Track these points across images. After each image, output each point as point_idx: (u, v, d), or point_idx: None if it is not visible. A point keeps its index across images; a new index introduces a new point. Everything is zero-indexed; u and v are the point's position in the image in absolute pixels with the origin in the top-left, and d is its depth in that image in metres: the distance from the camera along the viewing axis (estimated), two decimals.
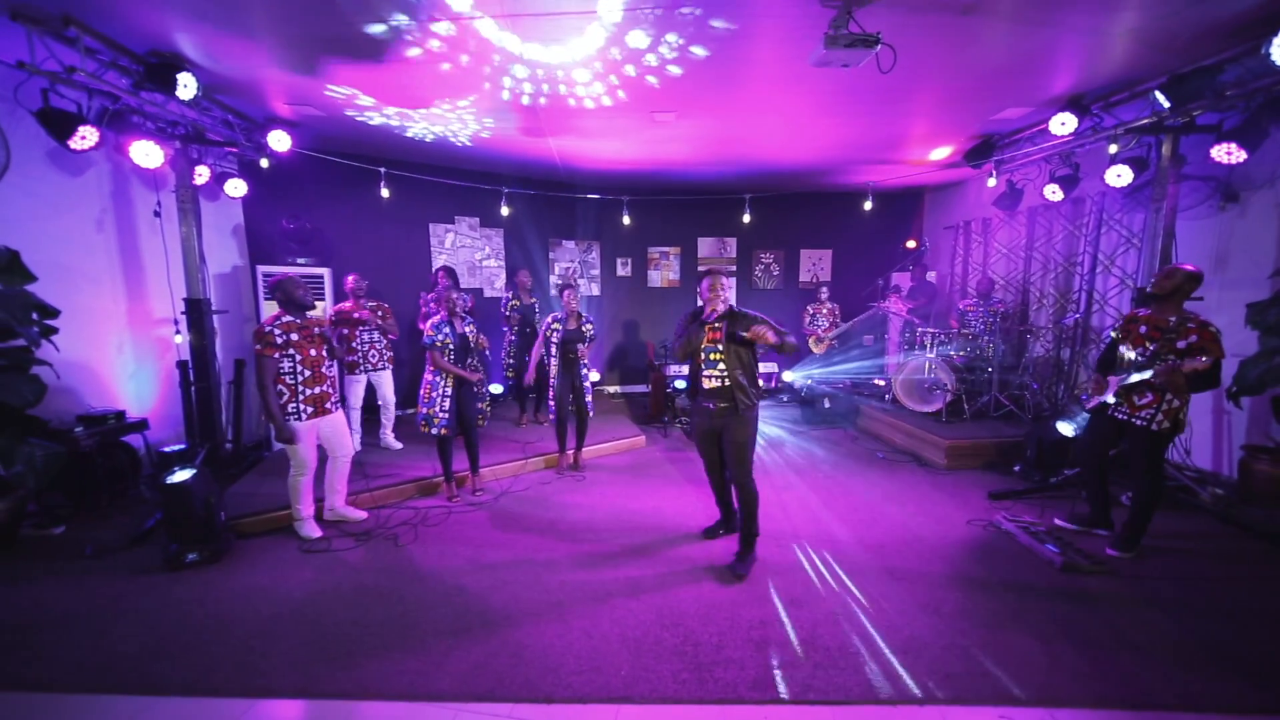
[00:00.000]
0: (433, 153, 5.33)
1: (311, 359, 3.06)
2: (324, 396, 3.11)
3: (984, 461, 4.52)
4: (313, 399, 3.07)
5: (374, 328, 4.32)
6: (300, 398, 3.03)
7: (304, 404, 3.04)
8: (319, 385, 3.08)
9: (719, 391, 2.74)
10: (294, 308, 3.07)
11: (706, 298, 2.76)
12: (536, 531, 3.30)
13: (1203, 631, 2.32)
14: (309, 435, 3.07)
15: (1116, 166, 3.93)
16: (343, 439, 3.27)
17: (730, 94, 3.81)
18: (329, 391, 3.13)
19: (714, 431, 2.87)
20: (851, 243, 7.61)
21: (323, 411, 3.10)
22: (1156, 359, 2.80)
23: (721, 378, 2.72)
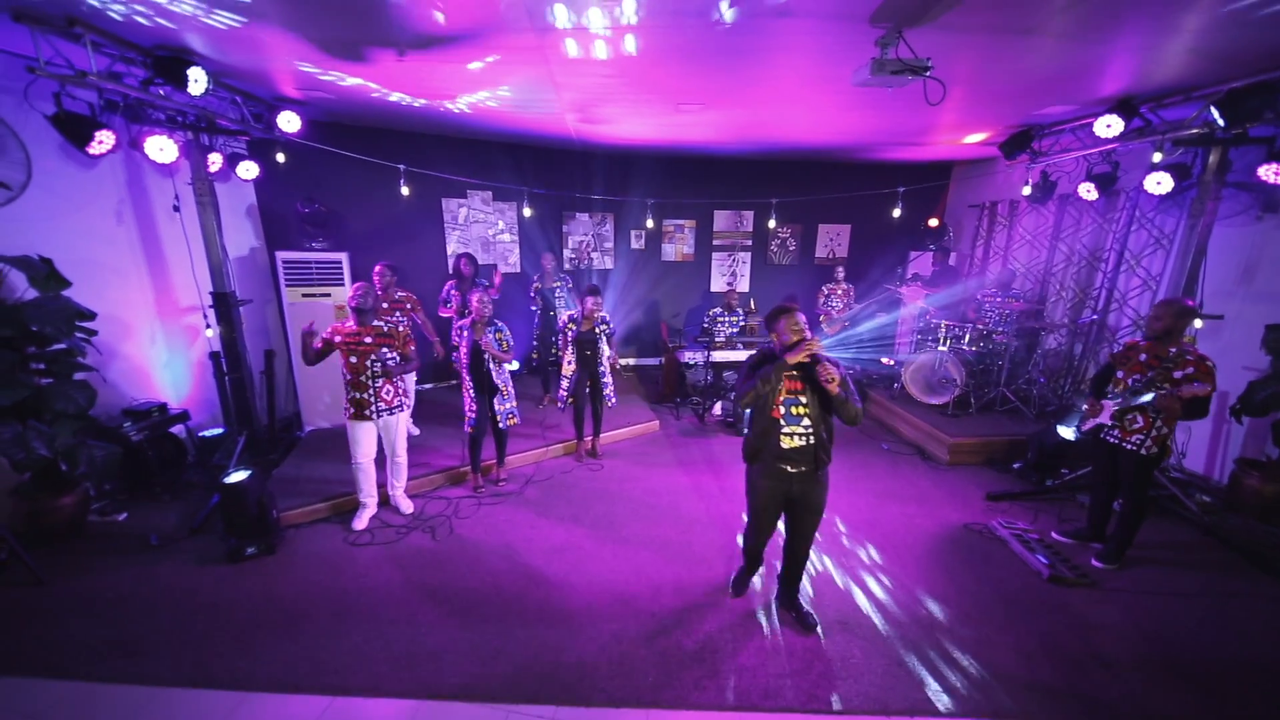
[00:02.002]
0: (445, 124, 5.14)
1: (351, 365, 3.19)
2: (364, 403, 3.24)
3: (985, 458, 4.71)
4: (354, 402, 3.25)
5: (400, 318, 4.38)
6: (346, 398, 3.26)
7: (348, 405, 3.26)
8: (359, 391, 3.22)
9: (801, 452, 2.31)
10: (360, 315, 3.20)
11: (787, 339, 2.28)
12: (562, 525, 3.55)
13: (1171, 649, 2.57)
14: (356, 432, 3.29)
15: (1157, 174, 3.81)
16: (395, 444, 3.45)
17: (759, 90, 3.64)
18: (370, 399, 3.25)
19: (786, 497, 2.43)
20: (871, 218, 7.41)
21: (362, 417, 3.25)
22: (1151, 385, 2.91)
23: (806, 435, 2.29)
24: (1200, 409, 2.74)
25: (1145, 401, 2.88)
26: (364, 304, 3.16)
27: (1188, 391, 2.66)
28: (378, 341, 3.23)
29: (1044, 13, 2.32)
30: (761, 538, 2.65)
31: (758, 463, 2.43)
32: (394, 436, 3.42)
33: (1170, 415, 2.80)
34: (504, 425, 3.86)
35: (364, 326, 3.20)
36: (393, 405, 3.35)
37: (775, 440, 2.33)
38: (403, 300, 4.44)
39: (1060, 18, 2.37)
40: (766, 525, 2.58)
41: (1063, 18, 2.37)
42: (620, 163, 6.70)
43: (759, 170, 7.06)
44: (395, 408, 3.38)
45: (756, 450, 2.40)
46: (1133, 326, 4.93)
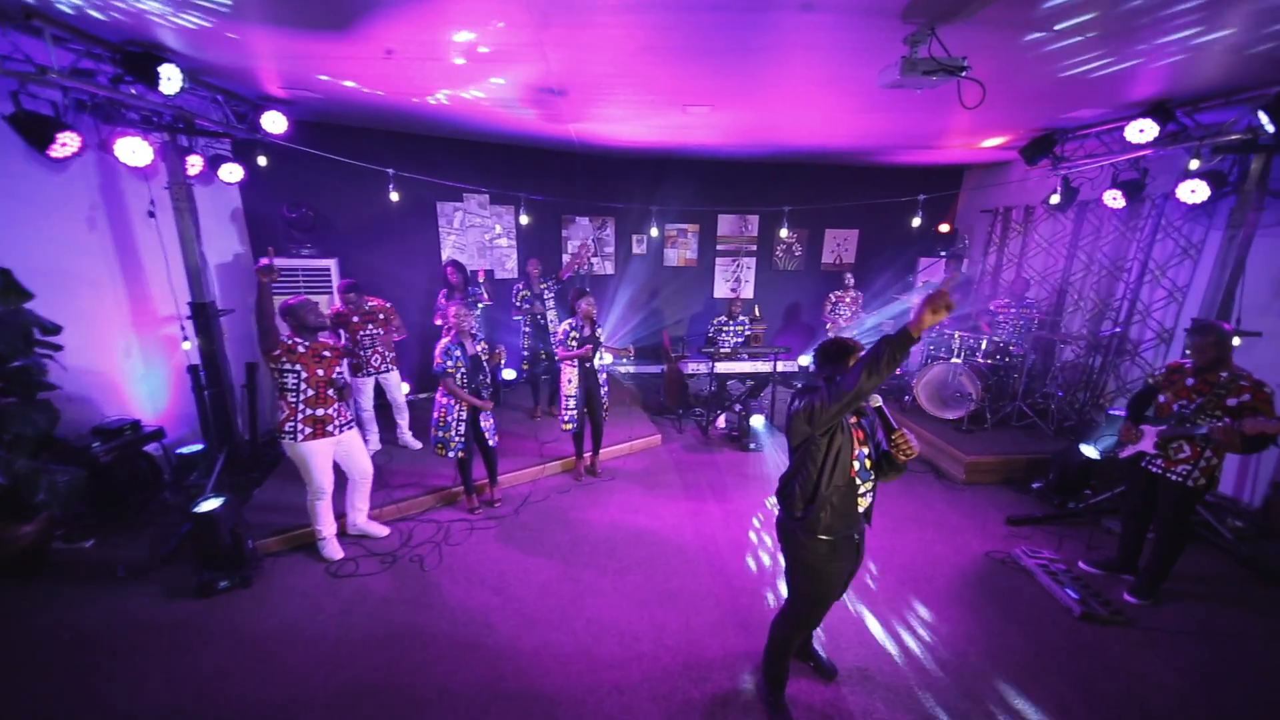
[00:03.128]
0: (439, 125, 4.93)
1: (317, 378, 2.94)
2: (326, 419, 3.00)
3: (1003, 477, 4.50)
4: (311, 420, 2.96)
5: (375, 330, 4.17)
6: (300, 416, 2.93)
7: (302, 423, 2.94)
8: (322, 407, 2.97)
9: (868, 513, 2.03)
10: (306, 333, 2.92)
11: None
12: (559, 556, 3.34)
13: (1216, 700, 2.36)
14: (318, 457, 3.00)
15: (1191, 181, 3.59)
16: (358, 460, 3.22)
17: (772, 92, 3.43)
18: (332, 415, 3.02)
19: (850, 568, 2.10)
20: (880, 223, 7.20)
21: (322, 434, 3.00)
22: (1202, 413, 2.70)
23: (870, 493, 2.01)
24: (1264, 443, 2.52)
25: (1199, 433, 2.66)
26: (306, 319, 2.86)
27: (1253, 427, 2.44)
28: (335, 355, 3.04)
29: (1087, 8, 2.10)
30: (819, 616, 2.17)
31: (827, 536, 1.94)
32: (362, 454, 3.21)
33: (1229, 449, 2.58)
34: (494, 441, 3.65)
35: (315, 343, 2.95)
36: (348, 419, 3.14)
37: (853, 504, 1.94)
38: (374, 311, 4.18)
39: (1102, 14, 2.16)
40: (828, 604, 2.13)
41: (1105, 14, 2.16)
42: (621, 165, 6.49)
43: (763, 173, 6.85)
44: (350, 421, 3.17)
45: (829, 523, 1.92)
46: (1156, 339, 4.73)
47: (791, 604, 2.14)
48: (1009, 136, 4.70)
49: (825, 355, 1.99)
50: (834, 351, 1.96)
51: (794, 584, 2.10)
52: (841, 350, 1.95)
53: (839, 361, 1.93)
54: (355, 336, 4.12)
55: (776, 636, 2.21)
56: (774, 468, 4.71)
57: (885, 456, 1.97)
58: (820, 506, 1.90)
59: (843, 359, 1.93)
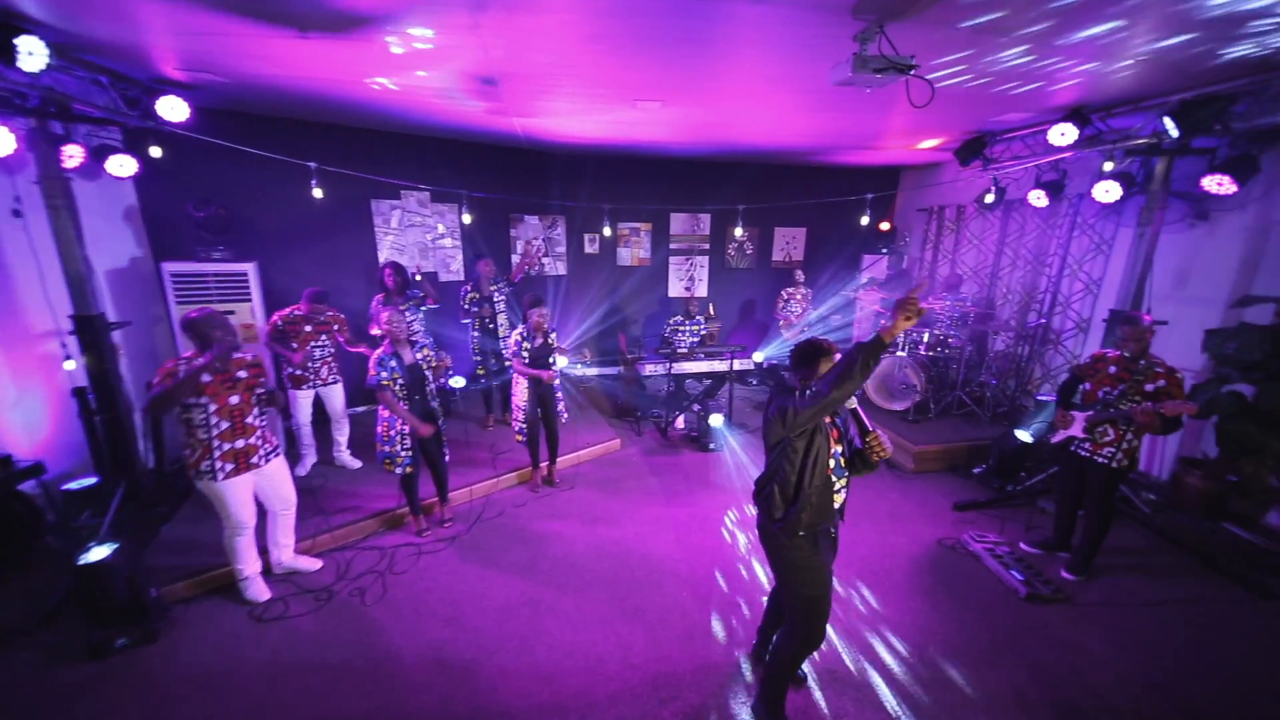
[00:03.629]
0: (371, 117, 4.56)
1: (230, 408, 2.58)
2: (249, 450, 2.66)
3: (948, 464, 4.71)
4: (232, 454, 2.61)
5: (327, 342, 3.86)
6: (216, 453, 2.56)
7: (221, 459, 2.58)
8: (242, 438, 2.63)
9: (842, 509, 2.02)
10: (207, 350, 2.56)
11: None
12: (517, 574, 3.14)
13: (1150, 669, 2.52)
14: (237, 492, 2.65)
15: (1105, 182, 3.87)
16: (281, 491, 2.89)
17: (723, 86, 3.37)
18: (256, 444, 2.69)
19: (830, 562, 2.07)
20: (825, 221, 7.40)
21: (247, 467, 2.66)
22: (1124, 399, 2.90)
23: (845, 489, 2.00)
24: (1178, 424, 2.72)
25: (1123, 416, 2.85)
26: (211, 336, 2.49)
27: (1171, 409, 2.63)
28: (253, 373, 2.69)
29: (1028, 14, 2.16)
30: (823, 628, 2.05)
31: (807, 534, 1.93)
32: (286, 484, 2.90)
33: (1149, 430, 2.77)
34: (449, 456, 3.41)
35: (227, 362, 2.58)
36: (274, 445, 2.82)
37: (829, 501, 1.94)
38: (328, 321, 3.92)
39: (1041, 20, 2.23)
40: (827, 608, 2.04)
41: (1043, 20, 2.23)
42: (571, 162, 6.29)
43: (714, 172, 6.86)
44: (278, 448, 2.85)
45: (809, 522, 1.91)
46: (1075, 329, 5.10)
47: (794, 619, 2.06)
48: (944, 138, 4.91)
49: (800, 356, 1.96)
50: (809, 352, 1.93)
51: (790, 593, 2.04)
52: (815, 351, 1.92)
53: (813, 362, 1.91)
54: (306, 346, 3.77)
55: (781, 658, 2.12)
56: (735, 467, 4.70)
57: (858, 454, 1.98)
58: (802, 507, 1.89)
59: (816, 360, 1.90)
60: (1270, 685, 2.45)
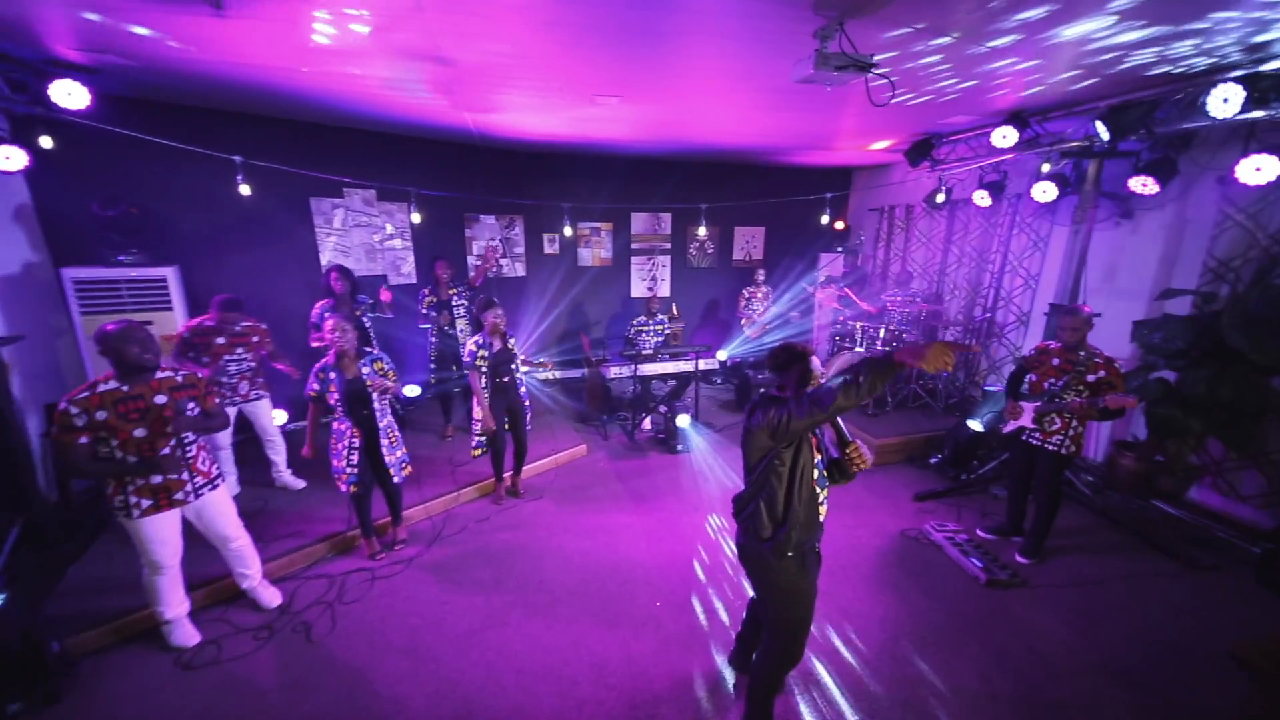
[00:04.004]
0: (307, 109, 4.22)
1: (135, 441, 2.24)
2: (171, 486, 2.36)
3: (906, 455, 4.86)
4: (149, 490, 2.31)
5: (244, 356, 3.49)
6: (129, 489, 2.27)
7: (136, 495, 2.28)
8: (164, 472, 2.31)
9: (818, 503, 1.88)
10: (124, 370, 2.25)
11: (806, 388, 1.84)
12: (481, 594, 2.97)
13: (1101, 646, 2.65)
14: (155, 530, 2.34)
15: (1043, 183, 4.08)
16: (216, 527, 2.58)
17: (682, 84, 3.30)
18: (181, 479, 2.39)
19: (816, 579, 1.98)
20: (784, 221, 7.54)
21: (169, 504, 2.36)
22: (1068, 389, 3.06)
23: (827, 501, 1.91)
24: (1120, 413, 2.88)
25: (1066, 406, 2.99)
26: (130, 353, 2.18)
27: (1114, 402, 2.77)
28: (176, 396, 2.33)
29: (980, 17, 2.21)
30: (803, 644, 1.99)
31: (795, 554, 1.83)
32: (223, 518, 2.58)
33: (1090, 419, 2.92)
34: (399, 478, 3.18)
35: (141, 385, 2.26)
36: (212, 475, 2.52)
37: (815, 514, 1.84)
38: (246, 333, 3.51)
39: (990, 23, 2.29)
40: (808, 626, 1.98)
41: (991, 23, 2.29)
42: (528, 160, 6.10)
43: (675, 171, 6.83)
44: (216, 478, 2.54)
45: (798, 540, 1.81)
46: (1017, 322, 5.38)
47: (774, 637, 1.99)
48: (894, 140, 5.07)
49: (779, 361, 1.86)
50: (786, 357, 1.85)
51: (772, 615, 1.96)
52: (792, 355, 1.84)
53: (790, 367, 1.83)
54: (218, 360, 3.40)
55: (762, 678, 2.05)
56: (705, 468, 4.67)
57: (835, 465, 1.92)
58: (791, 525, 1.79)
59: (794, 364, 1.83)
60: (1198, 649, 2.62)
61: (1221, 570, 3.25)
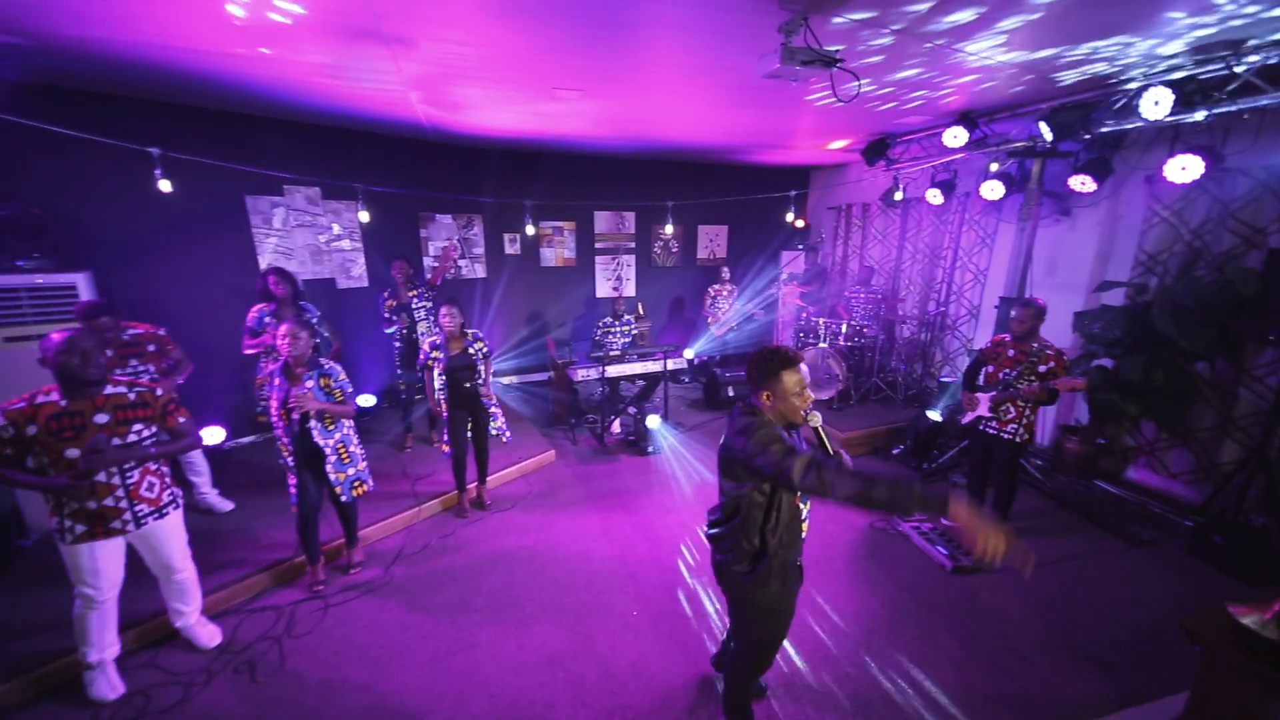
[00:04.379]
0: (240, 98, 3.89)
1: (67, 462, 2.01)
2: (108, 514, 2.11)
3: (871, 448, 4.98)
4: (84, 515, 2.08)
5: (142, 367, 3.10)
6: (65, 510, 2.07)
7: (70, 519, 2.07)
8: (93, 498, 2.08)
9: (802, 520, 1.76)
10: (65, 384, 2.01)
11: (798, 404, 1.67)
12: (447, 616, 2.80)
13: (1062, 626, 2.76)
14: (88, 558, 2.11)
15: (991, 181, 4.26)
16: (159, 556, 2.33)
17: (645, 77, 3.23)
18: (121, 506, 2.14)
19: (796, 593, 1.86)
20: (746, 219, 7.61)
21: (104, 533, 2.12)
22: (1022, 379, 3.19)
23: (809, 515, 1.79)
24: (1056, 398, 3.05)
25: (1021, 393, 3.11)
26: (69, 366, 1.96)
27: (1064, 385, 2.90)
28: (120, 417, 2.10)
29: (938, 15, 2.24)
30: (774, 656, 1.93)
31: (777, 577, 1.72)
32: (169, 547, 2.33)
33: (1040, 403, 3.07)
34: (347, 497, 2.93)
35: (83, 400, 2.04)
36: (161, 503, 2.27)
37: (798, 531, 1.73)
38: (138, 341, 3.03)
39: (945, 23, 2.33)
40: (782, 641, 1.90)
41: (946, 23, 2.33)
42: (485, 157, 5.88)
43: (638, 170, 6.77)
44: (167, 505, 2.29)
45: (781, 562, 1.70)
46: (968, 315, 5.61)
47: (744, 652, 1.92)
48: (851, 139, 5.18)
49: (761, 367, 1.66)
50: (771, 362, 1.65)
51: (743, 631, 1.89)
52: (780, 360, 1.64)
53: (776, 374, 1.64)
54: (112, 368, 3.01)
55: (733, 688, 2.00)
56: (678, 468, 4.62)
57: None
58: (773, 554, 1.68)
59: (779, 371, 1.63)
60: (1146, 621, 2.78)
61: (1159, 544, 3.47)
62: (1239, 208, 3.53)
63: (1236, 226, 3.55)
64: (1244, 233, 3.53)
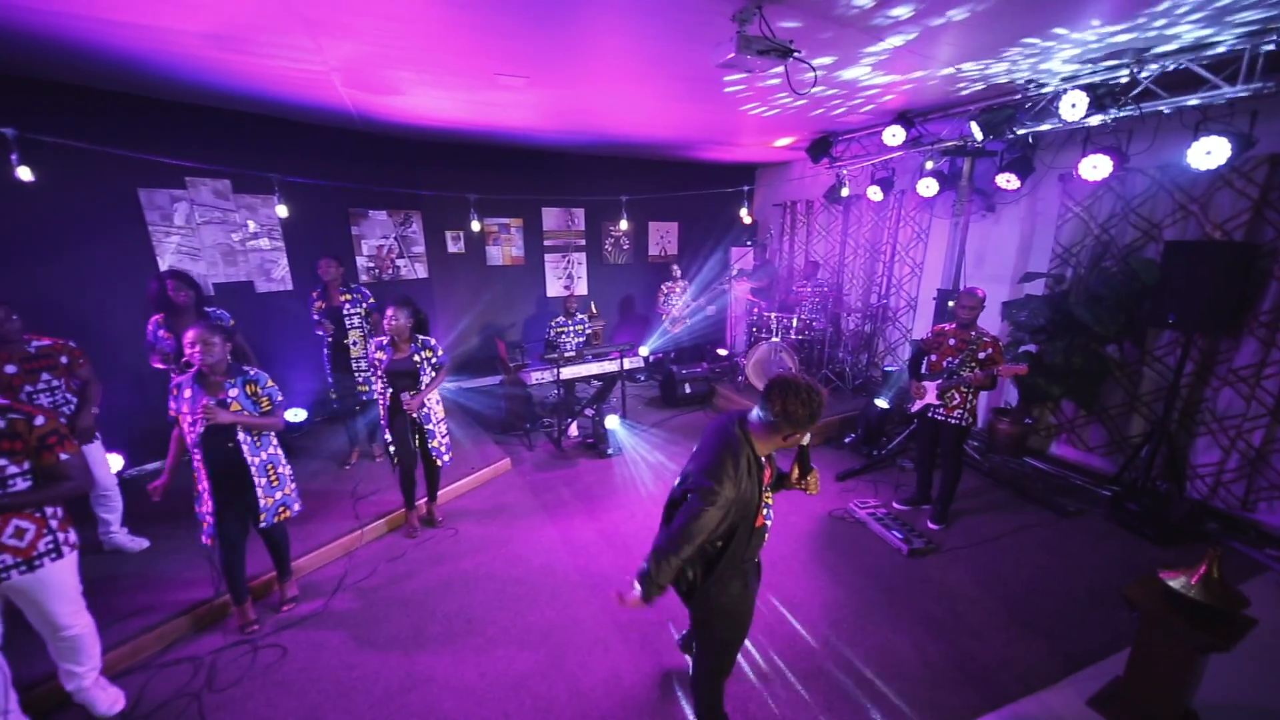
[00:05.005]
0: (133, 76, 3.39)
1: None
2: None
3: (825, 438, 5.12)
4: None
5: (55, 382, 2.69)
6: None
7: None
8: None
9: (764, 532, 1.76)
10: None
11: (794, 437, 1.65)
12: (398, 649, 2.56)
13: (1008, 600, 2.92)
14: None
15: (926, 179, 4.47)
16: (48, 610, 1.96)
17: (593, 65, 3.10)
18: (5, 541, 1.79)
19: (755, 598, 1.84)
20: (695, 215, 7.64)
21: None
22: (964, 366, 3.36)
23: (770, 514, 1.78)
24: (995, 383, 3.24)
25: (966, 380, 3.27)
26: None
27: (1007, 371, 3.07)
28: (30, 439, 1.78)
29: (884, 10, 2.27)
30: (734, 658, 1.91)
31: (737, 583, 1.72)
32: (49, 601, 1.96)
33: (985, 388, 3.24)
34: (268, 522, 2.58)
35: None
36: (34, 554, 1.89)
37: (761, 534, 1.73)
38: (47, 354, 2.66)
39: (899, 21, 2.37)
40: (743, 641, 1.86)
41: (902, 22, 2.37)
42: (425, 149, 5.52)
43: (587, 165, 6.60)
44: (41, 556, 1.91)
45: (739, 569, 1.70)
46: (907, 307, 5.90)
47: (708, 657, 1.87)
48: (796, 137, 5.28)
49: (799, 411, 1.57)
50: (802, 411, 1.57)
51: (706, 636, 1.83)
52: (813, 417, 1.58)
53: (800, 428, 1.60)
54: (15, 396, 2.56)
55: (702, 695, 1.94)
56: (641, 468, 4.54)
57: (782, 479, 1.81)
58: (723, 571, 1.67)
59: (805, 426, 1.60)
60: (1079, 589, 3.00)
61: (1084, 514, 3.77)
62: (1139, 204, 3.89)
63: (1137, 221, 3.91)
64: (1143, 227, 3.90)
